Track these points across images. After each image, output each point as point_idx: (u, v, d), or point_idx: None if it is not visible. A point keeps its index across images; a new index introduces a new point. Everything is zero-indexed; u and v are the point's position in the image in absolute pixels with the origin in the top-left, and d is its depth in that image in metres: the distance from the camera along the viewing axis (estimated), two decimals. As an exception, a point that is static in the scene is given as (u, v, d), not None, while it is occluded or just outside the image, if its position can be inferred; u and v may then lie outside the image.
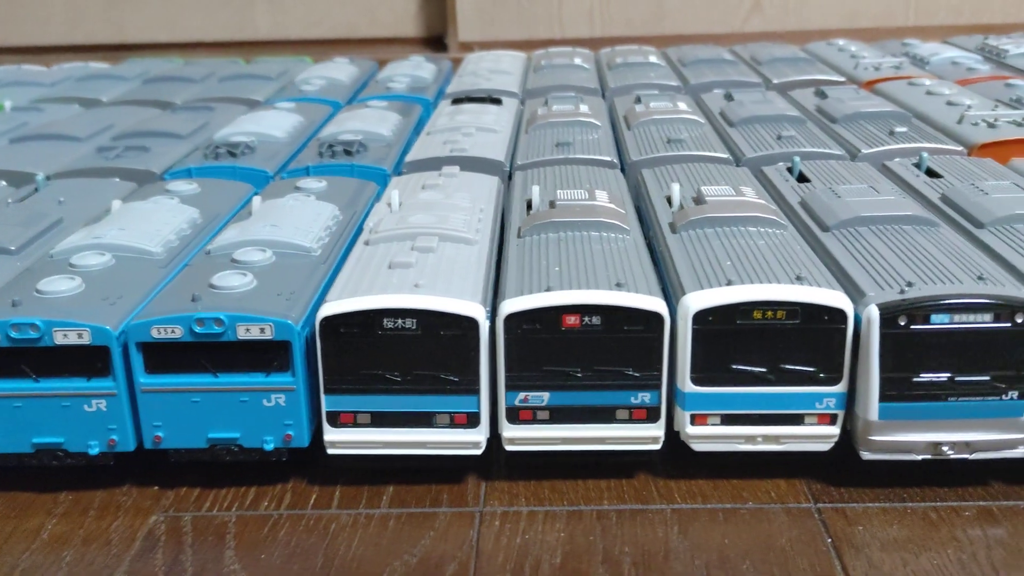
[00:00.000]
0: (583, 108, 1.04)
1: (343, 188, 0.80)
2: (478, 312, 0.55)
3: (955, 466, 0.57)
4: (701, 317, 0.55)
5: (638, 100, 1.08)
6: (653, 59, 1.39)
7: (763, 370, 0.55)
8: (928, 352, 0.54)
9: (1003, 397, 0.54)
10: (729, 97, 1.08)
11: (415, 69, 1.39)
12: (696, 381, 0.56)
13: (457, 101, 1.16)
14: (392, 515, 0.56)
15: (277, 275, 0.61)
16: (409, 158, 0.91)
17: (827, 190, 0.71)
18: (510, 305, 0.55)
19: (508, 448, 0.58)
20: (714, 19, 2.03)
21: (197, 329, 0.55)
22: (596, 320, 0.55)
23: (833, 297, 0.54)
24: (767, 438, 0.57)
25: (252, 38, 2.18)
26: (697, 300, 0.55)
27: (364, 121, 1.02)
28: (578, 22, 2.05)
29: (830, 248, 0.63)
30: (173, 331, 0.55)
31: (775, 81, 1.23)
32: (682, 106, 1.03)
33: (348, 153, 0.91)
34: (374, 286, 0.57)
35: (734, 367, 0.55)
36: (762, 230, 0.65)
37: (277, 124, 1.01)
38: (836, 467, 0.58)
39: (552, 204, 0.69)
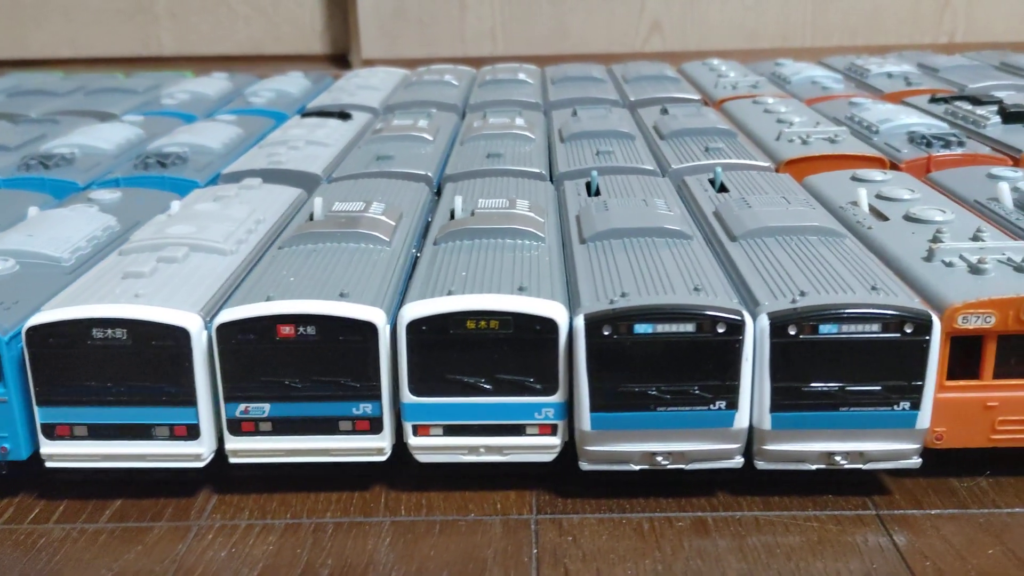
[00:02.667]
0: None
1: (136, 200, 0.79)
2: (191, 322, 0.54)
3: (682, 476, 0.57)
4: (415, 327, 0.54)
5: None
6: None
7: (480, 380, 0.55)
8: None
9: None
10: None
11: (286, 84, 1.39)
12: (415, 391, 0.55)
13: (307, 115, 1.16)
14: (106, 529, 0.55)
15: (12, 285, 0.60)
16: (226, 170, 0.91)
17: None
18: (224, 316, 0.54)
19: (232, 460, 0.57)
20: (614, 39, 2.05)
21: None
22: (311, 330, 0.54)
23: (545, 307, 0.54)
24: (490, 449, 0.57)
25: (157, 54, 2.17)
26: (411, 310, 0.54)
27: (197, 135, 1.01)
28: (480, 41, 2.06)
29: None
30: None
31: (632, 99, 1.24)
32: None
33: (162, 165, 0.90)
34: (93, 296, 0.56)
35: (451, 377, 0.55)
36: (520, 242, 0.65)
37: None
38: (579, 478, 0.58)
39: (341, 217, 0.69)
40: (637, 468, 0.56)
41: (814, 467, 0.56)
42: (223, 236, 0.66)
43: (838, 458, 0.55)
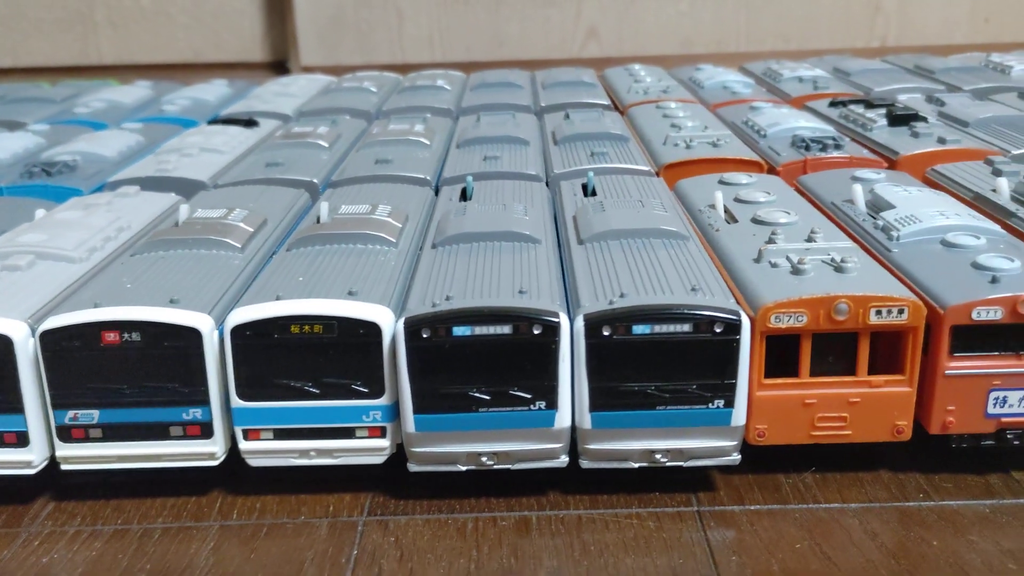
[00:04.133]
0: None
1: (5, 209, 0.79)
2: (16, 330, 0.55)
3: (526, 476, 0.58)
4: (239, 332, 0.55)
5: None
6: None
7: (307, 384, 0.56)
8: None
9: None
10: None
11: (204, 92, 1.39)
12: (243, 396, 0.56)
13: (214, 122, 1.16)
14: (-65, 537, 0.56)
15: None
16: (112, 179, 0.91)
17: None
18: (48, 323, 0.55)
19: (64, 467, 0.57)
20: (552, 45, 2.07)
21: None
22: (136, 336, 0.55)
23: (369, 311, 0.55)
24: (320, 452, 0.57)
25: (97, 63, 2.17)
26: (236, 316, 0.55)
27: (93, 143, 1.02)
28: (419, 48, 2.07)
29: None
30: None
31: (542, 104, 1.25)
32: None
33: (48, 174, 0.91)
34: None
35: (279, 381, 0.56)
36: (371, 247, 0.66)
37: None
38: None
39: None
40: (464, 469, 0.57)
41: (637, 465, 0.57)
42: (74, 244, 0.66)
43: (658, 456, 0.56)
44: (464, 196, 0.80)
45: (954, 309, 0.55)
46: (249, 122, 1.14)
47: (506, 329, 0.54)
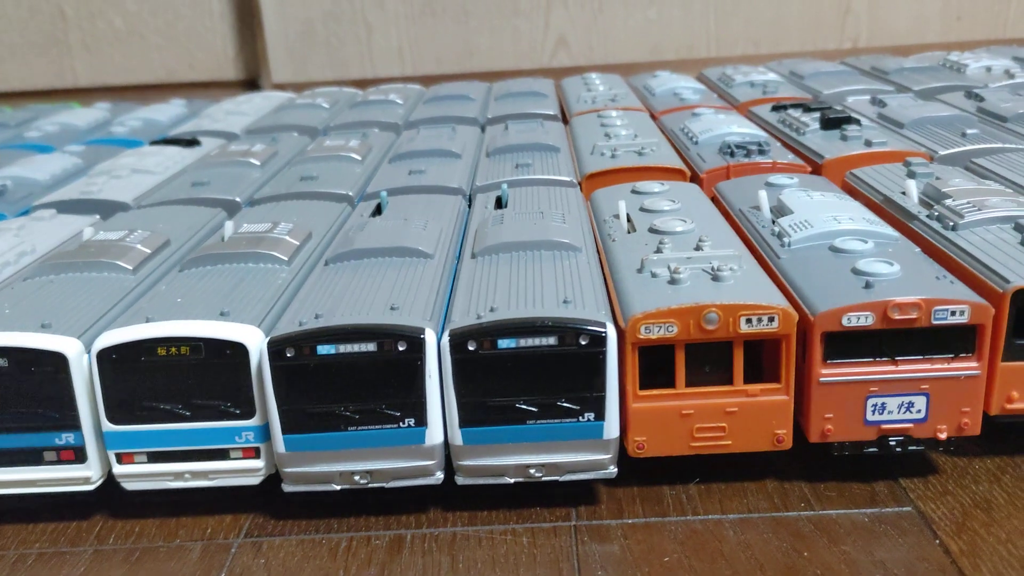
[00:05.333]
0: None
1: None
2: None
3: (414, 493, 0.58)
4: (105, 356, 0.55)
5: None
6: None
7: (176, 406, 0.55)
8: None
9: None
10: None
11: (157, 113, 1.39)
12: (113, 419, 0.56)
13: (155, 143, 1.16)
14: None
15: None
16: (38, 202, 0.91)
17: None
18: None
19: (-60, 494, 0.57)
20: (521, 55, 2.07)
21: None
22: (3, 362, 0.55)
23: (236, 332, 0.55)
24: (196, 474, 0.57)
25: (72, 86, 2.18)
26: (102, 340, 0.55)
27: (27, 167, 1.02)
28: (389, 61, 2.07)
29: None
30: None
31: (490, 116, 1.25)
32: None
33: (-34, 198, 0.91)
34: None
35: (149, 404, 0.55)
36: (263, 266, 0.66)
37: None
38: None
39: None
40: (339, 488, 0.56)
41: (512, 481, 0.56)
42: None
43: (533, 471, 0.56)
44: (378, 211, 0.80)
45: (824, 315, 0.54)
46: (191, 142, 1.14)
47: (371, 347, 0.53)
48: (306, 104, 1.41)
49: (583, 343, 0.53)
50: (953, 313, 0.53)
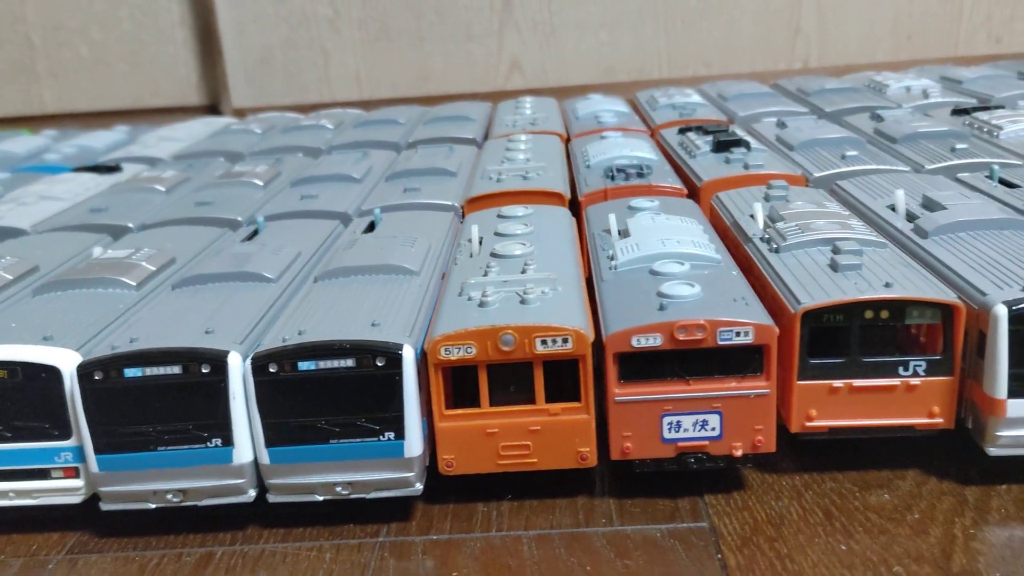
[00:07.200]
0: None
1: None
2: None
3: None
4: (-72, 379, 0.57)
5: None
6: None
7: (-1, 428, 0.58)
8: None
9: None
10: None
11: (95, 139, 1.43)
12: (-61, 441, 0.58)
13: (78, 169, 1.19)
14: None
15: None
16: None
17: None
18: None
19: None
20: (476, 79, 2.09)
21: None
22: None
23: (50, 355, 0.57)
24: (19, 493, 0.59)
25: (40, 112, 2.22)
26: (-74, 363, 0.57)
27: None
28: (346, 86, 2.10)
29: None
30: None
31: (410, 140, 1.27)
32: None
33: None
34: None
35: (-28, 426, 0.58)
36: (109, 291, 0.68)
37: None
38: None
39: None
40: (153, 506, 0.58)
41: (322, 498, 0.58)
42: None
43: (339, 488, 0.57)
44: (253, 235, 0.82)
45: (613, 337, 0.56)
46: (112, 168, 1.17)
47: (176, 369, 0.55)
48: (240, 130, 1.43)
49: (380, 364, 0.55)
50: (738, 334, 0.55)
